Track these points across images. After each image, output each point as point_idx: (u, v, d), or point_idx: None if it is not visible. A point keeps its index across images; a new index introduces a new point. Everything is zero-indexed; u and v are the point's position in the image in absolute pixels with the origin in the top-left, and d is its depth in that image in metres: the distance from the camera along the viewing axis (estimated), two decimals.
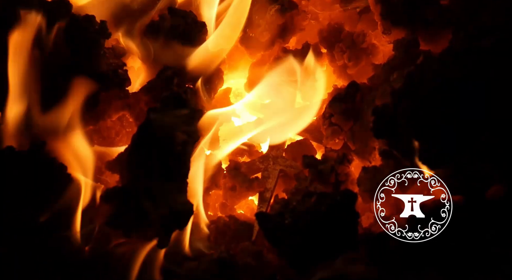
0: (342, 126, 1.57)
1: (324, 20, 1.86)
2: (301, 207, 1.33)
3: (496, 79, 1.28)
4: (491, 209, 1.30)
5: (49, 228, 1.39)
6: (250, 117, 1.87)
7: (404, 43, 1.57)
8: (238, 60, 1.85)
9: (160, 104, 1.39)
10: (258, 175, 1.64)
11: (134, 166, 1.37)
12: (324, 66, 1.79)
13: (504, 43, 1.29)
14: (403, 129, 1.32)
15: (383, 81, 1.55)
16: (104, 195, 1.37)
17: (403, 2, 1.62)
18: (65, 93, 1.43)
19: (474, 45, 1.31)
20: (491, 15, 1.49)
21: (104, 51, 1.50)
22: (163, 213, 1.34)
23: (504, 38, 1.29)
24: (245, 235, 1.51)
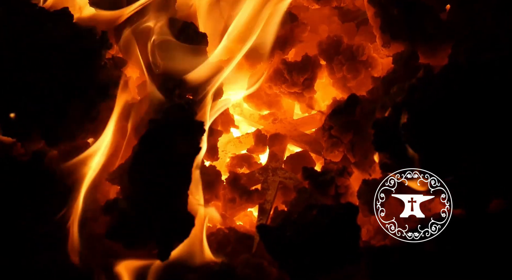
0: (342, 138, 1.57)
1: (324, 32, 1.87)
2: (303, 220, 1.34)
3: (498, 94, 1.29)
4: (492, 223, 1.31)
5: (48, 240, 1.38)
6: (249, 128, 1.88)
7: (404, 57, 1.58)
8: (237, 71, 1.85)
9: (162, 116, 1.39)
10: (258, 187, 1.64)
11: (135, 177, 1.36)
12: (323, 78, 1.80)
13: (505, 58, 1.30)
14: (405, 142, 1.33)
15: (382, 94, 1.56)
16: (104, 207, 1.37)
17: (402, 15, 1.63)
18: (66, 104, 1.43)
19: (475, 60, 1.32)
20: (491, 29, 1.51)
21: (105, 62, 1.49)
22: (164, 225, 1.34)
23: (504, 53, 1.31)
24: (245, 247, 1.51)
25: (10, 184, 1.40)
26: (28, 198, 1.37)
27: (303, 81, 1.73)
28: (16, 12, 1.44)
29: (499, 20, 1.50)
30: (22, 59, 1.42)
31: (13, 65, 1.43)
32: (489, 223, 1.32)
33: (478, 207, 1.32)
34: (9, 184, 1.40)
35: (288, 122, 1.78)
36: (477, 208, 1.32)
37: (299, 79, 1.73)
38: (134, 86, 1.68)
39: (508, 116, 1.28)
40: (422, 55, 1.61)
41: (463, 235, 1.33)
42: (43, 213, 1.39)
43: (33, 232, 1.38)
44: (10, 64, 1.42)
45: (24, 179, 1.39)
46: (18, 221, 1.38)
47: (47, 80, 1.41)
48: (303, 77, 1.73)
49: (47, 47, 1.43)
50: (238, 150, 1.78)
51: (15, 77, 1.43)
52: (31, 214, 1.38)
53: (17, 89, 1.41)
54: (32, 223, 1.38)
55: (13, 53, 1.43)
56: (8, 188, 1.40)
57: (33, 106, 1.41)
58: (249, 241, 1.52)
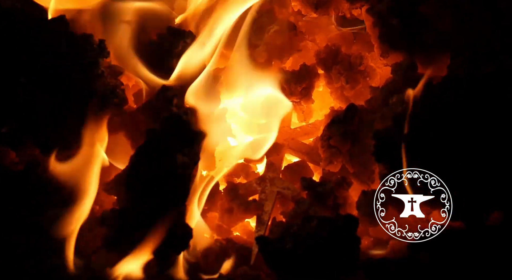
0: (341, 148, 1.57)
1: (321, 41, 1.87)
2: (302, 232, 1.32)
3: (498, 107, 1.29)
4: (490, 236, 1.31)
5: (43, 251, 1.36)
6: (246, 137, 1.86)
7: (403, 67, 1.58)
8: (235, 80, 1.84)
9: (160, 125, 1.38)
10: (255, 197, 1.62)
11: (132, 188, 1.35)
12: (320, 87, 1.80)
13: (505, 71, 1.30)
14: (405, 153, 1.32)
15: (381, 104, 1.55)
16: (101, 218, 1.35)
17: (401, 25, 1.63)
18: (62, 112, 1.41)
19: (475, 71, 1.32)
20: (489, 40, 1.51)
21: (102, 70, 1.47)
22: (161, 237, 1.32)
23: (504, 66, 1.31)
24: (243, 258, 1.49)
25: (3, 193, 1.38)
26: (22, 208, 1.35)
27: (301, 90, 1.72)
28: (12, 20, 1.42)
29: (496, 31, 1.50)
30: (17, 66, 1.40)
31: (8, 73, 1.41)
32: (486, 235, 1.31)
33: (477, 220, 1.31)
34: (2, 193, 1.38)
35: (286, 131, 1.76)
36: (476, 221, 1.32)
37: (296, 88, 1.72)
38: (130, 94, 1.66)
39: (508, 129, 1.28)
40: (420, 65, 1.60)
41: (460, 248, 1.33)
42: (37, 223, 1.36)
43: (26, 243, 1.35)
44: (5, 71, 1.40)
45: (17, 189, 1.36)
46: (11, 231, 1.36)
47: (42, 88, 1.40)
48: (300, 86, 1.72)
49: (43, 55, 1.42)
50: (235, 160, 1.77)
51: (10, 84, 1.41)
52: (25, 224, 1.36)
53: (12, 96, 1.39)
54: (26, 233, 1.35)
55: (8, 61, 1.41)
56: (1, 198, 1.38)
57: (28, 114, 1.39)
58: (247, 253, 1.50)
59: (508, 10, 1.53)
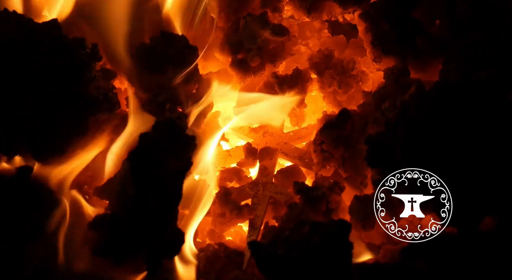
0: (333, 153, 1.57)
1: (314, 46, 1.87)
2: (294, 237, 1.32)
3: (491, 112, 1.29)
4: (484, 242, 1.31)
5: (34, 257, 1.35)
6: (239, 141, 1.86)
7: (395, 72, 1.58)
8: (227, 84, 1.84)
9: (152, 130, 1.37)
10: (248, 202, 1.62)
11: (124, 192, 1.34)
12: (313, 91, 1.80)
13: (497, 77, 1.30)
14: (398, 158, 1.32)
15: (374, 109, 1.56)
16: (92, 223, 1.34)
17: (393, 30, 1.63)
18: (54, 117, 1.40)
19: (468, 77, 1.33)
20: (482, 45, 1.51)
21: (95, 74, 1.47)
22: (153, 242, 1.31)
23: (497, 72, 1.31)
24: (236, 263, 1.49)
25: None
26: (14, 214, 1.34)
27: (294, 94, 1.72)
28: (3, 23, 1.41)
29: (490, 36, 1.51)
30: (9, 71, 1.39)
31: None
32: (481, 241, 1.32)
33: (471, 225, 1.32)
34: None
35: (279, 136, 1.76)
36: (469, 226, 1.32)
37: (289, 93, 1.72)
38: (122, 98, 1.65)
39: (502, 134, 1.28)
40: (412, 70, 1.61)
41: (453, 254, 1.33)
42: (29, 229, 1.35)
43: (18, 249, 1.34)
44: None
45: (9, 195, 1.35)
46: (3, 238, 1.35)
47: (35, 93, 1.39)
48: (293, 90, 1.72)
49: (35, 59, 1.41)
50: (227, 164, 1.76)
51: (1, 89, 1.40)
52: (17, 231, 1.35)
53: (3, 101, 1.38)
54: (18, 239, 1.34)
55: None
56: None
57: (20, 119, 1.38)
58: (239, 258, 1.50)
59: (501, 15, 1.54)
